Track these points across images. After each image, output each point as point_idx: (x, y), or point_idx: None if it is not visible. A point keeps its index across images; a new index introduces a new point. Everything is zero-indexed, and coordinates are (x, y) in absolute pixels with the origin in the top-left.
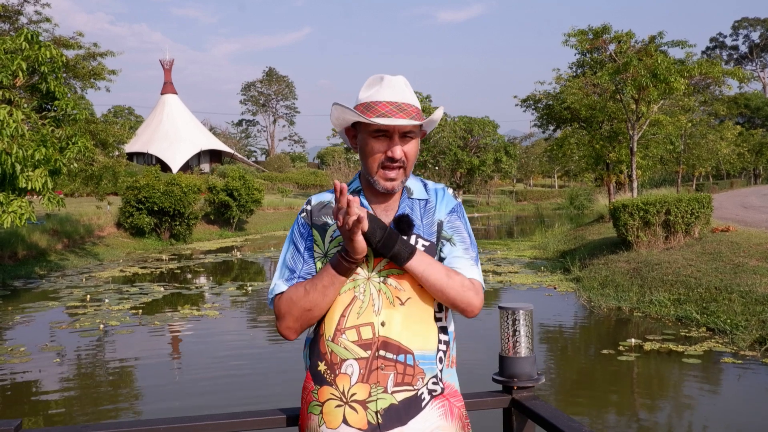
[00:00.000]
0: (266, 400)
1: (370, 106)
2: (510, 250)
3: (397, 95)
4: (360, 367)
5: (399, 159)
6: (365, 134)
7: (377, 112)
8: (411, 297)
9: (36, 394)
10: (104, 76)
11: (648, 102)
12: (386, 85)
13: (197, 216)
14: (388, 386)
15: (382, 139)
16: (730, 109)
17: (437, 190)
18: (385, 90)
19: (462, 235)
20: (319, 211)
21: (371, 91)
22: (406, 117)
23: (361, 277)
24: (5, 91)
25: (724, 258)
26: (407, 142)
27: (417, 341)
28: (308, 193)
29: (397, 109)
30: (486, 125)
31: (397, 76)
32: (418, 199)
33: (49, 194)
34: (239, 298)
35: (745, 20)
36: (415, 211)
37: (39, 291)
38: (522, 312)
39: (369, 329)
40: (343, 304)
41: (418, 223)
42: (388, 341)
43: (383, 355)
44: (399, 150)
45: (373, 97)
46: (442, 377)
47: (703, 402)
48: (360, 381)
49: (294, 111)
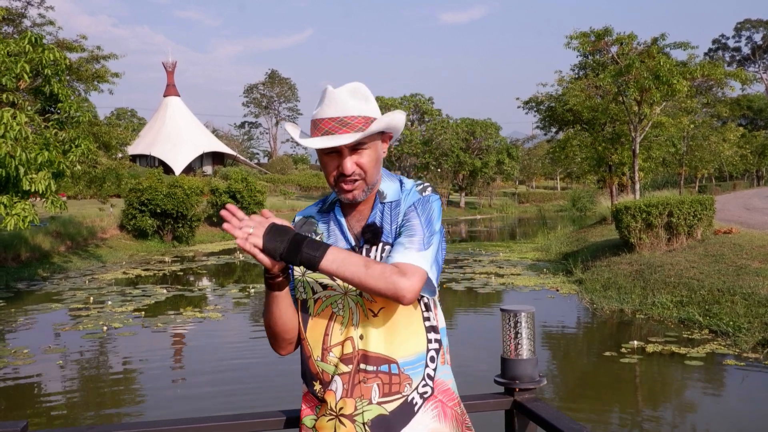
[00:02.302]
0: (268, 402)
1: (316, 124)
2: (512, 252)
3: (339, 110)
4: (343, 382)
5: (351, 173)
6: (318, 151)
7: (321, 129)
8: (384, 306)
9: (40, 396)
10: (107, 78)
11: (650, 104)
12: (328, 100)
13: (200, 218)
14: (373, 398)
15: (333, 155)
16: (733, 111)
17: (407, 189)
18: (327, 106)
19: (411, 224)
20: (301, 227)
21: (318, 108)
22: (350, 131)
23: (337, 293)
24: (9, 93)
25: (726, 260)
26: (360, 153)
27: (400, 349)
28: (310, 195)
29: (339, 125)
30: (488, 127)
31: (343, 87)
32: (390, 201)
33: (52, 197)
34: (242, 300)
35: (747, 22)
36: (385, 216)
37: (42, 293)
38: (524, 314)
39: (350, 344)
40: (324, 322)
41: (387, 228)
42: (368, 354)
43: (364, 369)
44: (350, 165)
45: (318, 114)
46: (435, 375)
47: (706, 404)
48: (344, 396)
49: (296, 113)
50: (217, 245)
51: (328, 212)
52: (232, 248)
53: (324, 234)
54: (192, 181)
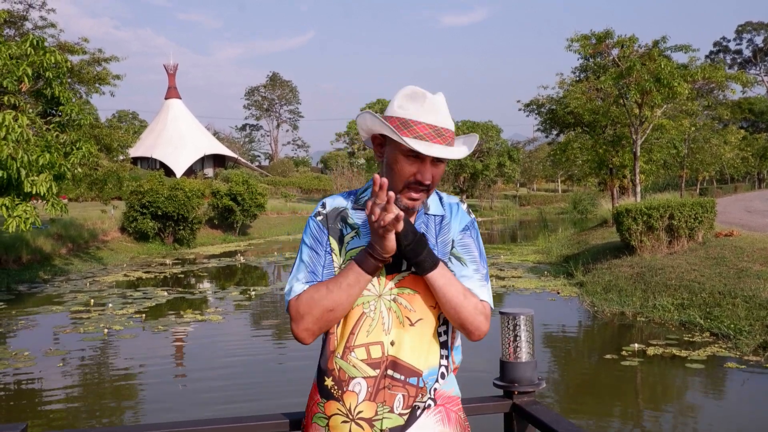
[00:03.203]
0: (269, 405)
1: (408, 125)
2: (513, 254)
3: (439, 120)
4: (368, 385)
5: (429, 183)
6: (397, 152)
7: (415, 132)
8: (422, 318)
9: (40, 399)
10: (108, 81)
11: (651, 106)
12: (429, 106)
13: (201, 220)
14: (395, 406)
15: (414, 160)
16: (734, 114)
17: (452, 205)
18: (426, 112)
19: (473, 254)
20: (335, 218)
21: (411, 108)
22: (443, 143)
23: (371, 294)
24: (10, 96)
25: (727, 263)
26: (438, 166)
27: (424, 361)
28: (312, 197)
29: (435, 134)
30: (489, 129)
31: (438, 95)
32: (434, 215)
33: (53, 199)
34: (242, 303)
35: (749, 24)
36: (430, 229)
37: (43, 295)
38: (523, 317)
39: (378, 348)
40: (352, 320)
41: (432, 241)
42: (398, 362)
43: (391, 375)
44: (429, 175)
45: (413, 116)
46: (437, 388)
47: (707, 407)
48: (367, 399)
49: (298, 115)
50: (218, 248)
51: (364, 209)
52: (233, 251)
53: (361, 230)
54: (193, 183)
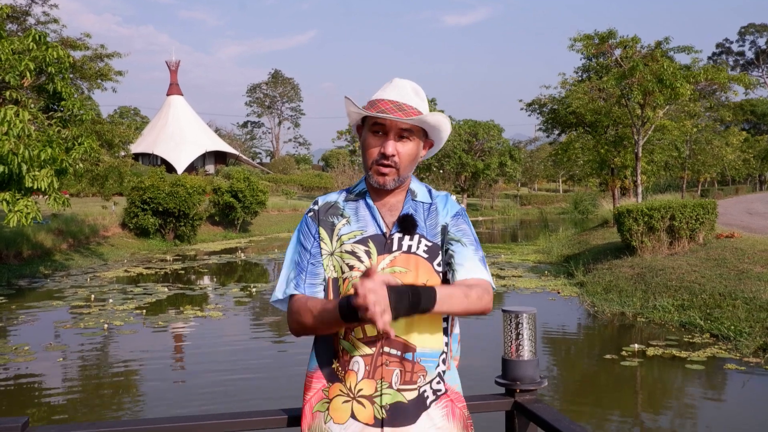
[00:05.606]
0: (268, 401)
1: (374, 103)
2: (514, 254)
3: (401, 96)
4: (365, 363)
5: (390, 155)
6: (366, 130)
7: (377, 108)
8: None
9: (40, 394)
10: (111, 77)
11: (653, 107)
12: (393, 86)
13: (202, 217)
14: (393, 382)
15: (380, 135)
16: (736, 115)
17: (440, 196)
18: (390, 90)
19: (470, 237)
20: (326, 211)
21: (379, 92)
22: (403, 116)
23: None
24: (12, 91)
25: (728, 264)
26: (404, 143)
27: (420, 338)
28: (312, 195)
29: (396, 108)
30: (491, 129)
31: (407, 81)
32: (422, 201)
33: (54, 194)
34: (243, 300)
35: (751, 26)
36: (418, 213)
37: (44, 290)
38: (525, 315)
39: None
40: None
41: (421, 224)
42: (392, 338)
43: (387, 351)
44: (391, 146)
45: (378, 96)
46: (444, 378)
47: (707, 408)
48: (366, 377)
49: (299, 113)
50: (218, 244)
51: (356, 200)
52: (234, 247)
53: (351, 218)
54: (194, 180)
